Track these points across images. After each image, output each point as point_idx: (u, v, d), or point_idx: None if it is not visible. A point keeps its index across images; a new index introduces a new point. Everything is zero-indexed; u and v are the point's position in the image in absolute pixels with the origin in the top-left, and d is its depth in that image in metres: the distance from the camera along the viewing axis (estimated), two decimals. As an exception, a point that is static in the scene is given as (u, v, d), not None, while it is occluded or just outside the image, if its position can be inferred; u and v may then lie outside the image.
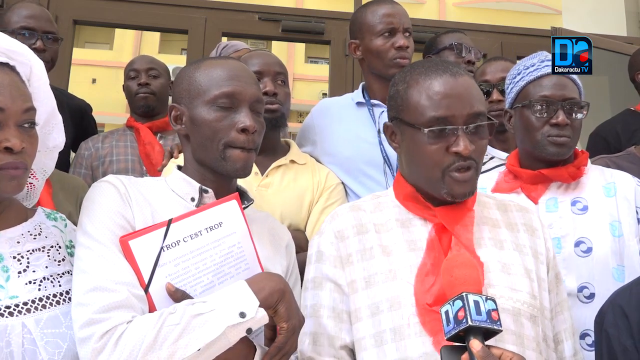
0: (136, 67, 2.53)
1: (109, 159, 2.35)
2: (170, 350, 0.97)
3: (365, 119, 1.98)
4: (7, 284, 1.03)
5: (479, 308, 0.95)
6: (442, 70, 1.19)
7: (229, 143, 1.18)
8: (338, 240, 1.22)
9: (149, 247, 1.06)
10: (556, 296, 1.26)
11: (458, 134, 1.14)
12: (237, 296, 1.03)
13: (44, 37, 2.08)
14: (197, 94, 1.21)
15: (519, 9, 14.91)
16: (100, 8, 3.50)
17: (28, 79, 1.10)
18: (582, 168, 1.60)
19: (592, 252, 1.50)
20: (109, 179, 1.17)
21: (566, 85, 1.57)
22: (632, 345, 1.08)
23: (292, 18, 3.65)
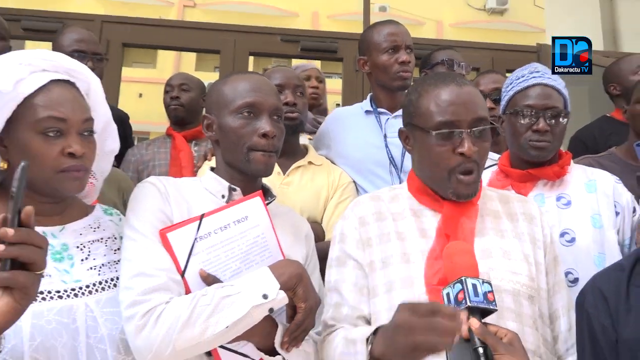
0: (171, 83, 2.58)
1: (151, 163, 2.37)
2: (202, 327, 0.97)
3: (373, 125, 1.98)
4: (71, 269, 1.05)
5: (476, 290, 0.94)
6: (449, 80, 1.18)
7: (251, 147, 1.18)
8: (360, 225, 1.22)
9: (184, 239, 1.06)
10: (554, 277, 1.24)
11: (463, 137, 1.13)
12: (261, 280, 1.04)
13: (94, 58, 2.10)
14: (224, 104, 1.21)
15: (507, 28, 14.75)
16: (145, 32, 3.53)
17: (87, 93, 1.12)
18: (565, 167, 1.58)
19: (576, 242, 1.48)
20: (151, 180, 1.18)
21: (550, 95, 1.54)
22: (610, 324, 1.06)
23: (310, 39, 3.65)
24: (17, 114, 1.00)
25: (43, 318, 0.94)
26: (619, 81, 2.47)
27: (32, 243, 0.76)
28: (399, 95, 2.00)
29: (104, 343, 1.00)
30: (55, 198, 1.08)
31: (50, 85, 1.03)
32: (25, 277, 0.75)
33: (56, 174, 1.01)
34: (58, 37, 2.13)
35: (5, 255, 0.74)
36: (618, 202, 1.55)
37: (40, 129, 1.00)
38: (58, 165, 1.01)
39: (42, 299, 0.97)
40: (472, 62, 3.61)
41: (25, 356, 0.90)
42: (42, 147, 1.00)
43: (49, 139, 1.00)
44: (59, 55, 1.08)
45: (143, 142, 2.53)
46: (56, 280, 1.01)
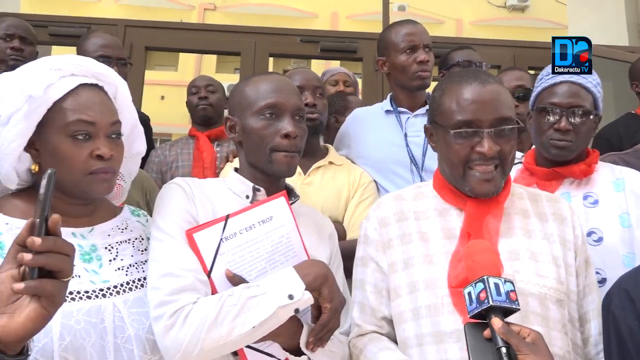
0: (197, 84, 2.61)
1: (174, 164, 2.40)
2: (229, 327, 0.98)
3: (393, 124, 1.97)
4: (100, 270, 1.06)
5: (498, 289, 0.93)
6: (472, 79, 1.16)
7: (274, 147, 1.18)
8: (381, 226, 1.22)
9: (210, 239, 1.07)
10: (585, 279, 1.21)
11: (483, 136, 1.12)
12: (286, 281, 1.04)
13: (118, 63, 2.13)
14: (247, 105, 1.21)
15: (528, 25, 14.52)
16: (167, 36, 3.58)
17: (114, 96, 1.13)
18: (592, 166, 1.54)
19: (603, 242, 1.44)
20: (176, 181, 1.19)
21: (577, 93, 1.49)
22: (637, 326, 1.03)
23: (329, 39, 3.65)
24: (47, 118, 1.01)
25: (72, 318, 0.96)
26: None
27: (59, 251, 0.76)
28: (418, 94, 1.99)
29: (131, 343, 1.01)
30: (85, 200, 1.10)
31: (79, 89, 1.04)
32: (52, 285, 0.76)
33: (85, 176, 1.03)
34: (82, 42, 2.17)
35: (33, 264, 0.74)
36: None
37: (69, 132, 1.01)
38: (87, 168, 1.02)
39: (72, 299, 0.98)
40: (493, 60, 3.58)
41: (55, 355, 0.92)
42: (71, 150, 1.01)
43: (78, 142, 1.02)
44: (87, 60, 1.09)
45: (166, 143, 2.57)
46: (85, 280, 1.02)
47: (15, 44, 2.22)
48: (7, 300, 0.75)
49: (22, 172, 1.06)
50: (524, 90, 2.08)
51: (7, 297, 0.75)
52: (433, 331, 1.09)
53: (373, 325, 1.18)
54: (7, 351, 0.75)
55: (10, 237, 0.97)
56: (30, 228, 0.76)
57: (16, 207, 1.05)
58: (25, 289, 0.74)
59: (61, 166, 1.01)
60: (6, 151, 1.01)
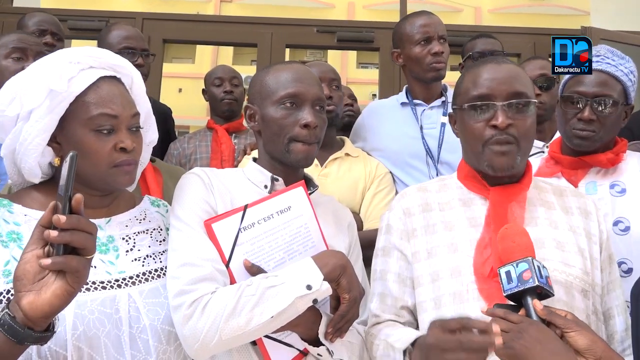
0: (221, 76, 2.55)
1: (194, 157, 2.41)
2: (247, 317, 0.98)
3: (408, 117, 1.96)
4: (116, 260, 1.06)
5: (540, 272, 0.93)
6: (489, 60, 1.19)
7: (293, 137, 1.17)
8: (405, 216, 1.21)
9: (228, 229, 1.07)
10: (609, 275, 1.19)
11: (497, 110, 1.12)
12: (305, 271, 1.03)
13: (142, 55, 2.14)
14: (267, 95, 1.20)
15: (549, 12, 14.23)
16: (185, 28, 3.59)
17: (130, 87, 1.13)
18: (620, 155, 1.51)
19: (630, 231, 1.41)
20: (195, 171, 1.19)
21: (604, 82, 1.46)
22: None
23: (346, 29, 3.62)
24: (69, 112, 1.02)
25: (86, 308, 0.97)
26: None
27: (83, 229, 0.79)
28: (434, 86, 1.98)
29: (146, 333, 1.02)
30: (106, 191, 1.11)
31: (100, 82, 1.05)
32: (77, 262, 0.79)
33: (110, 169, 1.04)
34: (104, 35, 2.18)
35: (59, 241, 0.77)
36: None
37: (93, 126, 1.02)
38: (112, 161, 1.04)
39: (87, 289, 0.99)
40: (513, 48, 3.51)
41: (68, 344, 0.93)
42: (95, 143, 1.02)
43: (102, 135, 1.03)
44: (103, 52, 1.10)
45: (184, 135, 2.56)
46: (101, 271, 1.03)
47: (48, 39, 2.22)
48: (34, 278, 0.78)
49: (43, 165, 1.07)
50: (547, 80, 2.05)
51: (33, 276, 0.78)
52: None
53: (392, 315, 1.17)
54: (34, 327, 0.79)
55: (28, 228, 0.98)
56: (54, 209, 0.79)
57: (35, 199, 1.06)
58: (52, 264, 0.77)
59: (85, 159, 1.02)
60: (30, 147, 1.02)
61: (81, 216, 0.80)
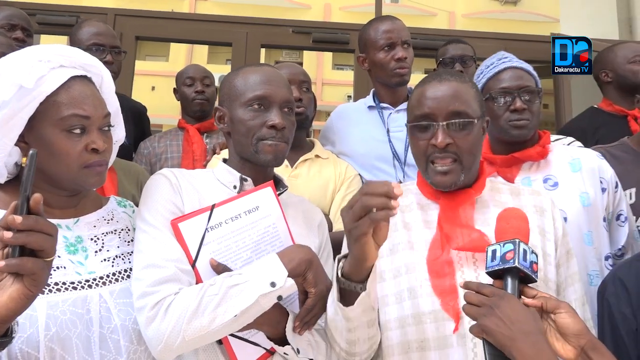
0: (192, 75, 2.52)
1: (164, 156, 2.37)
2: (211, 317, 0.98)
3: (375, 120, 1.99)
4: (86, 261, 1.06)
5: (525, 256, 0.95)
6: (433, 77, 1.23)
7: (260, 137, 1.18)
8: None
9: (195, 228, 1.07)
10: (567, 270, 1.23)
11: (437, 129, 1.16)
12: (269, 267, 1.04)
13: (112, 52, 2.10)
14: (236, 97, 1.22)
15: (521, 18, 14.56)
16: (158, 26, 3.54)
17: (100, 86, 1.13)
18: (546, 147, 1.59)
19: (567, 222, 1.47)
20: (162, 172, 1.19)
21: (521, 76, 1.56)
22: (630, 312, 1.07)
23: (321, 30, 3.63)
24: (39, 112, 1.01)
25: (58, 309, 0.96)
26: (612, 68, 2.34)
27: (41, 230, 0.77)
28: (399, 90, 2.01)
29: (117, 333, 1.01)
30: (75, 192, 1.10)
31: (70, 81, 1.03)
32: (33, 264, 0.76)
33: (81, 169, 1.03)
34: (76, 31, 2.14)
35: (13, 242, 0.75)
36: (604, 179, 1.56)
37: (64, 126, 1.01)
38: (83, 162, 1.03)
39: (57, 290, 0.98)
40: (484, 53, 3.55)
41: (40, 346, 0.92)
42: (66, 144, 1.01)
43: (73, 135, 1.02)
44: (74, 50, 1.09)
45: (155, 135, 2.52)
46: (71, 272, 1.02)
47: (18, 34, 2.17)
48: None
49: (9, 165, 1.05)
50: None
51: None
52: (413, 313, 1.12)
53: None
54: None
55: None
56: (15, 209, 0.77)
57: (0, 199, 1.04)
58: (5, 266, 0.75)
59: (56, 160, 1.01)
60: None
61: (40, 217, 0.77)
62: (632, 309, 1.06)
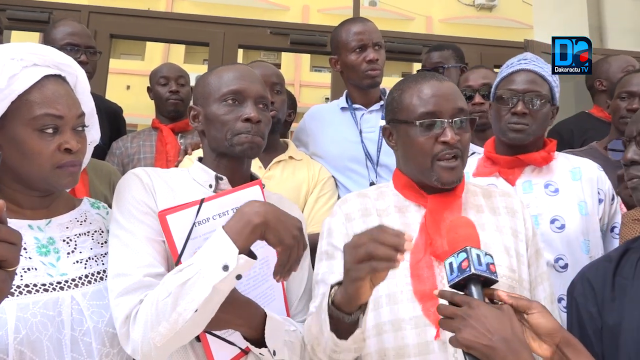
0: (166, 75, 2.49)
1: (137, 156, 2.34)
2: (172, 319, 0.96)
3: (348, 121, 2.00)
4: (57, 263, 1.04)
5: (480, 260, 0.95)
6: (429, 77, 1.23)
7: (235, 132, 1.18)
8: (347, 221, 1.23)
9: (183, 222, 1.06)
10: (536, 269, 1.26)
11: (445, 126, 1.17)
12: (218, 249, 0.98)
13: (87, 52, 2.07)
14: (209, 94, 1.22)
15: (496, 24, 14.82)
16: (134, 24, 3.49)
17: (74, 86, 1.11)
18: (551, 154, 1.61)
19: (565, 229, 1.51)
20: (135, 171, 1.17)
21: (533, 80, 1.56)
22: (597, 312, 1.10)
23: (300, 32, 3.64)
24: (10, 111, 0.99)
25: (28, 311, 0.94)
26: (607, 77, 2.50)
27: (3, 239, 0.71)
28: (372, 91, 2.02)
29: (89, 336, 1.00)
30: (47, 192, 1.08)
31: (44, 80, 1.02)
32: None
33: (53, 170, 1.02)
34: (49, 30, 2.10)
35: None
36: (602, 190, 1.59)
37: (37, 126, 1.00)
38: (56, 162, 1.01)
39: (28, 292, 0.96)
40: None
41: (10, 349, 0.90)
42: (39, 144, 1.00)
43: (46, 135, 1.00)
44: (48, 49, 1.07)
45: (128, 134, 2.49)
46: (42, 273, 1.00)
47: None
48: None
49: None
50: (490, 88, 2.14)
51: None
52: (392, 319, 1.12)
53: None
54: None
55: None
56: None
57: None
58: None
59: (28, 160, 0.99)
60: None
61: (2, 225, 0.71)
62: (598, 308, 1.09)
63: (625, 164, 1.12)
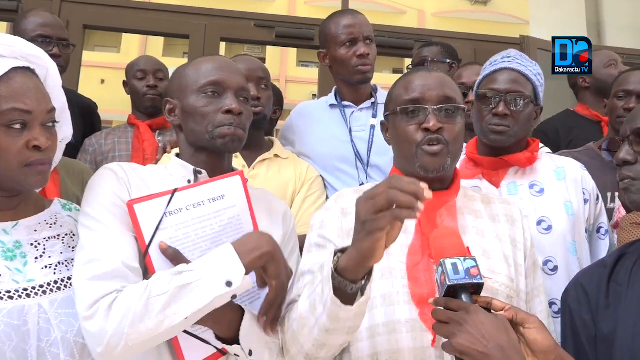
0: (144, 68, 2.46)
1: (111, 154, 2.31)
2: (158, 319, 0.94)
3: (337, 119, 2.00)
4: (24, 268, 1.03)
5: (456, 268, 0.95)
6: (421, 69, 1.26)
7: (216, 124, 1.17)
8: (342, 215, 1.23)
9: (152, 212, 1.04)
10: (533, 281, 1.26)
11: (428, 113, 1.18)
12: (224, 263, 1.00)
13: (60, 44, 2.04)
14: (187, 85, 1.21)
15: (491, 19, 14.97)
16: (109, 14, 3.46)
17: (45, 79, 1.10)
18: (535, 154, 1.62)
19: (552, 230, 1.52)
20: (110, 166, 1.16)
21: (515, 80, 1.57)
22: (590, 319, 1.11)
23: (285, 25, 3.63)
24: None
25: None
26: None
27: None
28: (362, 88, 2.02)
29: (57, 347, 0.99)
30: (14, 192, 1.07)
31: (11, 73, 1.01)
32: None
33: (21, 168, 1.00)
34: (20, 20, 2.07)
35: None
36: (586, 190, 1.61)
37: (3, 121, 0.98)
38: (23, 160, 1.00)
39: None
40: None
41: None
42: (5, 140, 0.98)
43: (13, 131, 0.99)
44: (16, 40, 1.06)
45: (102, 131, 2.45)
46: (7, 280, 0.99)
47: None
48: None
49: None
50: None
51: None
52: (386, 321, 1.11)
53: None
54: None
55: None
56: None
57: None
58: None
59: None
60: None
61: None
62: (592, 316, 1.10)
63: (618, 164, 1.13)
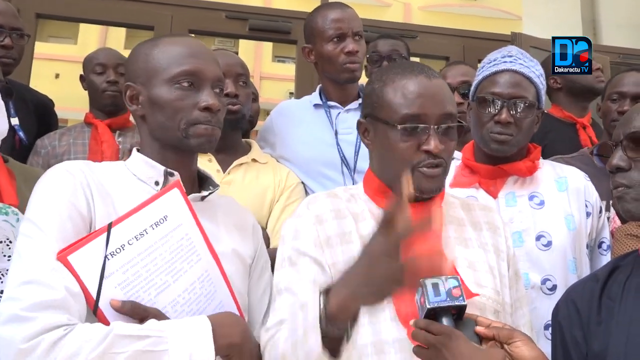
0: (103, 62, 2.41)
1: (66, 157, 2.26)
2: None
3: (322, 120, 1.99)
4: None
5: (437, 290, 0.96)
6: (417, 71, 1.20)
7: (191, 122, 1.12)
8: (317, 223, 1.20)
9: (91, 259, 0.96)
10: (516, 292, 1.28)
11: (429, 133, 1.15)
12: (196, 340, 0.96)
13: (12, 34, 2.01)
14: (155, 72, 1.14)
15: (481, 14, 15.17)
16: (64, 2, 3.41)
17: None
18: (536, 162, 1.62)
19: (552, 246, 1.53)
20: (67, 167, 1.07)
21: (519, 83, 1.55)
22: (582, 336, 1.12)
23: (260, 17, 3.63)
24: None
25: None
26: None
27: None
28: (349, 87, 2.02)
29: None
30: None
31: None
32: None
33: None
34: None
35: None
36: (589, 202, 1.62)
37: None
38: None
39: None
40: (441, 51, 3.70)
41: None
42: None
43: None
44: None
45: (56, 131, 2.40)
46: None
47: None
48: None
49: None
50: (469, 87, 2.19)
51: None
52: (374, 340, 1.10)
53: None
54: None
55: None
56: None
57: None
58: None
59: None
60: None
61: None
62: (583, 333, 1.12)
63: (611, 170, 1.12)
